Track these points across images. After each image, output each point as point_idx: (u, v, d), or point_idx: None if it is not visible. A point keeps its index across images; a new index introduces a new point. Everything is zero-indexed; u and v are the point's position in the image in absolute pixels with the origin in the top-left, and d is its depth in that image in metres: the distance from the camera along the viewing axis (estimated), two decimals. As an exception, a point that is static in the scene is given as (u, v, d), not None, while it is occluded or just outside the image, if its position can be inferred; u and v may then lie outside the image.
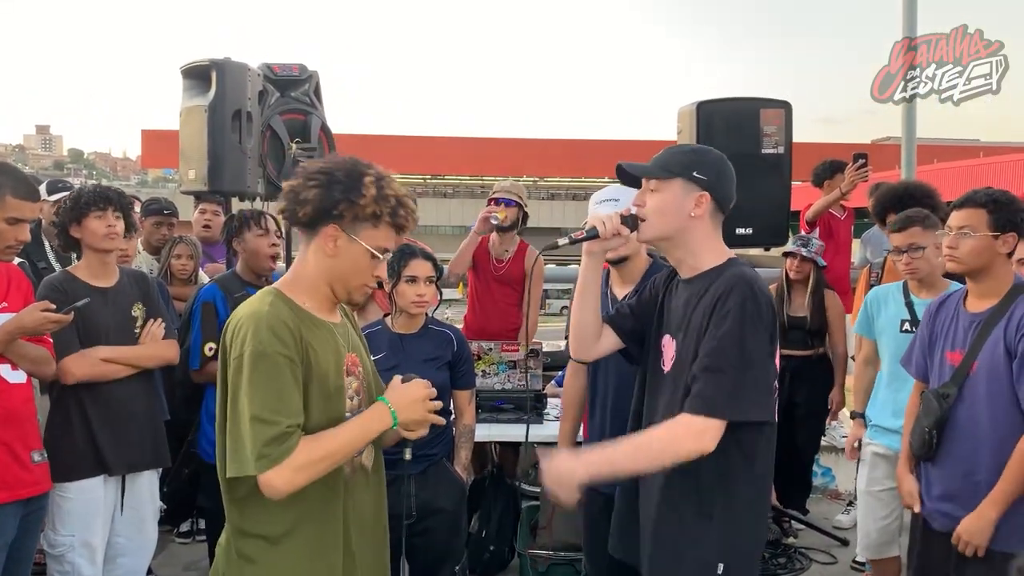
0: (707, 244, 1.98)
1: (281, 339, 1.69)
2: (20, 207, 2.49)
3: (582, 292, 2.14)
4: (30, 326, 2.56)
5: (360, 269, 1.79)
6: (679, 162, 1.97)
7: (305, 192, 1.75)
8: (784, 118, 3.81)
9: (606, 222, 2.00)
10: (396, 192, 1.78)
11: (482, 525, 3.98)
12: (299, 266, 1.82)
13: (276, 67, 4.35)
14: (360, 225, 1.76)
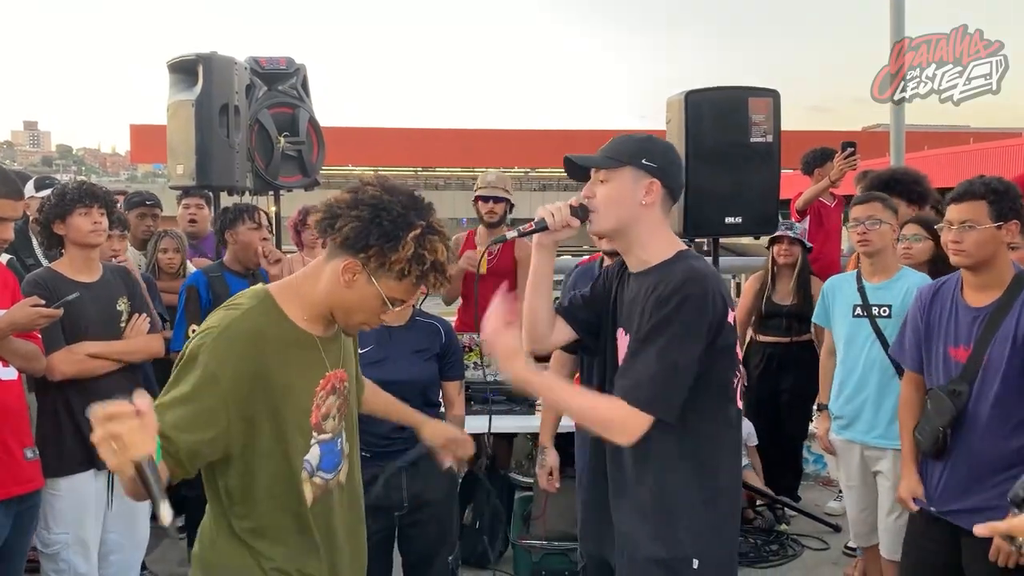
0: (657, 235, 1.95)
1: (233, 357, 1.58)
2: (3, 205, 2.48)
3: (534, 284, 2.10)
4: (22, 322, 2.56)
5: (367, 309, 1.69)
6: (627, 150, 1.94)
7: (344, 220, 1.63)
8: (772, 107, 3.81)
9: (555, 213, 1.96)
10: (436, 255, 1.65)
11: (475, 515, 3.99)
12: (311, 274, 1.71)
13: (263, 60, 4.33)
14: (384, 271, 1.64)
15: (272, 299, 1.69)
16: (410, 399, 2.83)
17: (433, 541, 2.91)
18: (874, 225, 3.22)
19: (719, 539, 1.93)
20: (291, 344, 1.67)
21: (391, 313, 1.70)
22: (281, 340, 1.65)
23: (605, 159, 1.95)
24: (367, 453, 2.86)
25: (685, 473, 1.89)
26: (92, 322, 2.88)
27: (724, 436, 1.95)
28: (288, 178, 4.40)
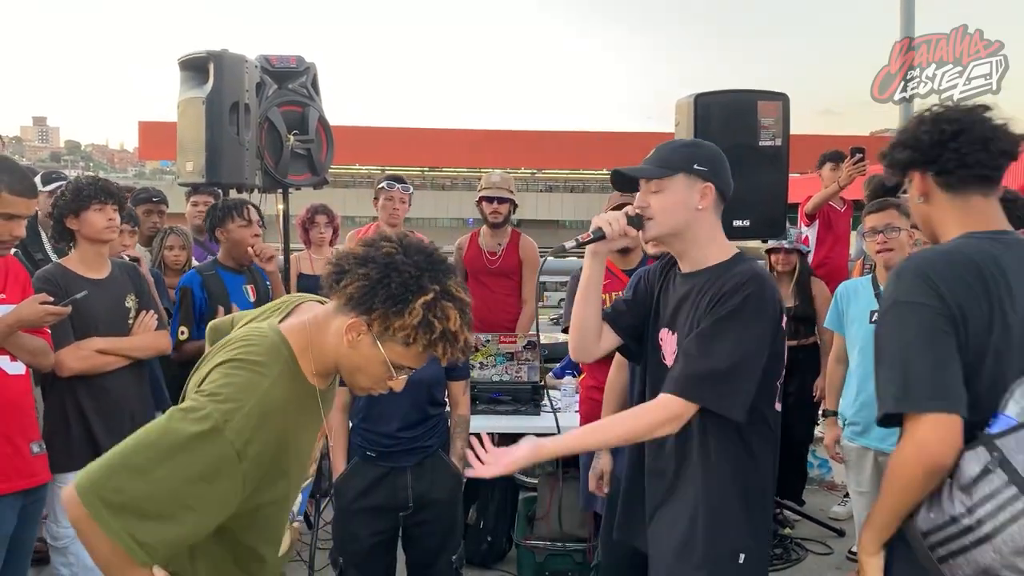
0: (714, 237, 1.99)
1: (258, 433, 1.42)
2: (16, 203, 2.49)
3: (585, 292, 2.12)
4: (30, 319, 2.57)
5: (371, 374, 1.56)
6: (677, 157, 1.97)
7: (350, 277, 1.50)
8: (782, 110, 3.80)
9: (612, 223, 2.00)
10: (447, 324, 1.50)
11: (480, 516, 4.00)
12: (321, 325, 1.57)
13: (274, 59, 4.34)
14: (388, 334, 1.50)
15: (292, 354, 1.55)
16: (414, 398, 2.86)
17: (437, 541, 2.92)
18: (893, 233, 3.21)
19: (761, 535, 1.97)
20: (304, 402, 1.57)
21: (398, 381, 1.59)
22: (299, 402, 1.55)
23: (657, 169, 1.98)
24: (372, 453, 2.88)
25: (731, 471, 1.92)
26: (101, 319, 2.89)
27: (768, 436, 1.98)
28: (297, 176, 4.40)
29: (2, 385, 2.58)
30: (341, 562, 2.90)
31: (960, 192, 1.72)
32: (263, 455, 1.44)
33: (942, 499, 1.55)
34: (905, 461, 1.58)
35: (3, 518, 2.56)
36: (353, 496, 2.87)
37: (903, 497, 1.61)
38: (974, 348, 1.59)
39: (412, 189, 4.64)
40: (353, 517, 2.87)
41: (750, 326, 1.85)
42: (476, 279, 4.49)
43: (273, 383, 1.48)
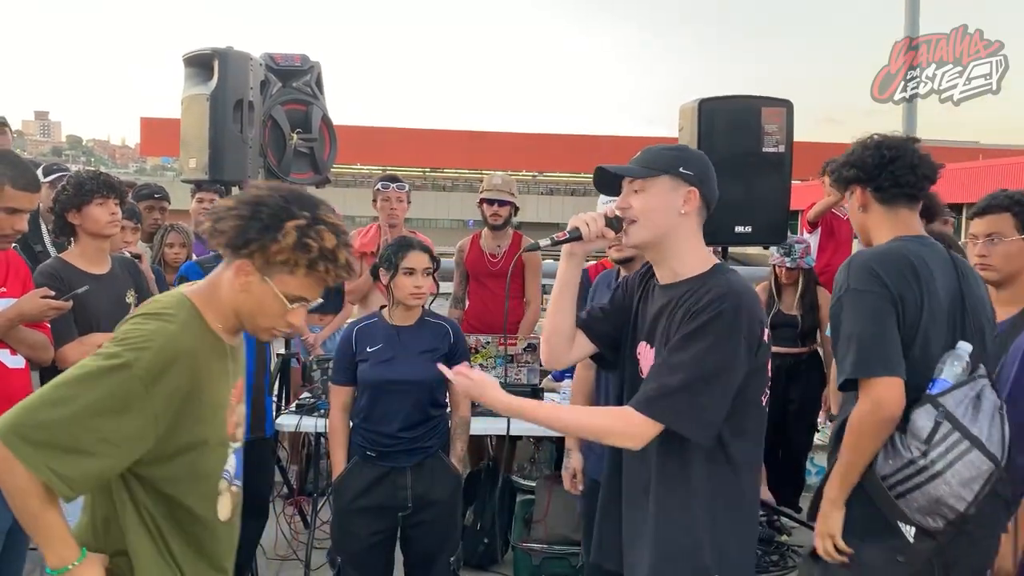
0: (693, 247, 1.91)
1: (167, 373, 1.52)
2: (19, 198, 2.49)
3: (559, 295, 2.04)
4: (31, 313, 2.57)
5: (268, 313, 1.65)
6: (664, 159, 1.91)
7: (224, 221, 1.62)
8: (785, 117, 3.81)
9: (590, 224, 1.92)
10: (323, 244, 1.61)
11: (476, 518, 3.99)
12: (216, 281, 1.69)
13: (278, 57, 4.34)
14: (274, 268, 1.61)
15: (196, 308, 1.65)
16: (416, 398, 2.86)
17: (436, 542, 2.92)
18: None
19: (739, 549, 1.92)
20: (215, 355, 1.65)
21: (295, 313, 1.66)
22: (207, 352, 1.63)
23: (642, 168, 1.91)
24: (372, 453, 2.88)
25: (710, 486, 1.87)
26: (102, 314, 2.89)
27: (751, 451, 1.93)
28: (299, 175, 4.41)
29: (2, 379, 2.57)
30: (339, 561, 2.91)
31: (892, 205, 2.18)
32: (173, 396, 1.54)
33: (898, 448, 1.98)
34: (864, 417, 1.99)
35: (2, 512, 2.56)
36: (352, 496, 2.87)
37: (864, 448, 2.02)
38: (909, 326, 2.02)
39: (408, 187, 4.64)
40: (352, 516, 2.87)
41: (719, 344, 1.77)
42: (477, 281, 4.50)
43: (180, 328, 1.58)
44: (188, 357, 1.57)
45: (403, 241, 2.95)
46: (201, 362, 1.60)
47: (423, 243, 2.98)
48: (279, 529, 3.87)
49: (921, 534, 1.99)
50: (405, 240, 2.96)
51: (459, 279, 4.61)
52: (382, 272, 2.91)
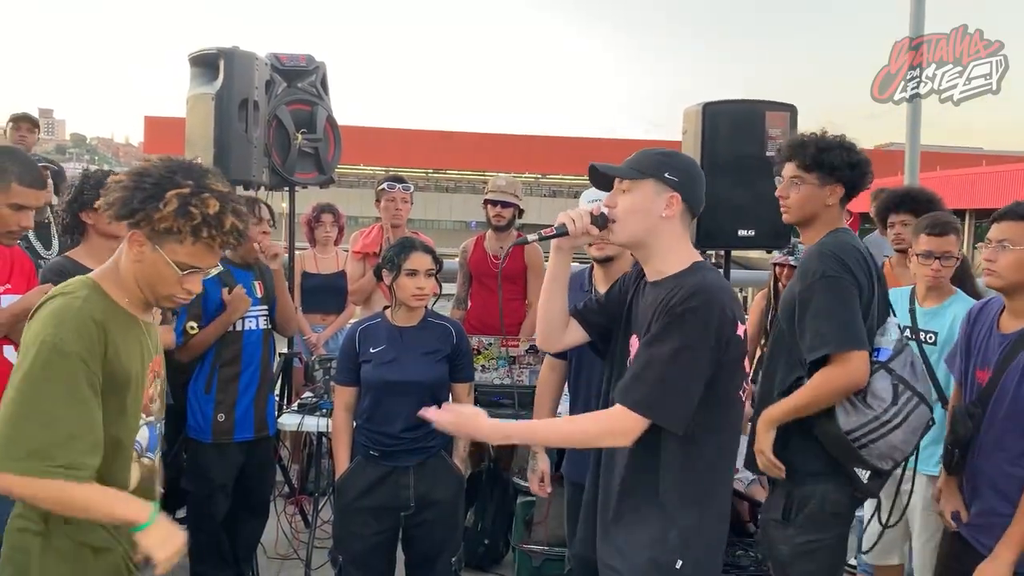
0: (675, 247, 1.99)
1: (85, 337, 1.65)
2: (25, 194, 2.50)
3: (550, 284, 2.17)
4: None
5: (164, 280, 1.75)
6: (651, 163, 1.99)
7: (112, 193, 1.72)
8: (789, 121, 3.82)
9: (576, 220, 2.02)
10: (207, 210, 1.70)
11: (477, 519, 4.00)
12: (117, 258, 1.79)
13: (283, 57, 4.35)
14: (162, 237, 1.71)
15: (99, 287, 1.75)
16: (418, 399, 2.86)
17: (438, 542, 2.93)
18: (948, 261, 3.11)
19: (706, 542, 1.96)
20: (125, 328, 1.74)
21: (190, 280, 1.75)
22: (117, 324, 1.72)
23: (629, 170, 2.00)
24: (375, 452, 2.88)
25: (677, 478, 1.93)
26: None
27: (723, 446, 1.99)
28: (304, 175, 4.42)
29: (6, 374, 2.58)
30: (341, 560, 2.91)
31: (846, 203, 2.54)
32: (94, 361, 1.65)
33: (859, 407, 2.32)
34: (836, 380, 2.30)
35: (3, 505, 2.57)
36: (355, 495, 2.88)
37: (821, 403, 2.34)
38: (864, 306, 2.35)
39: (412, 188, 4.65)
40: (354, 516, 2.88)
41: (689, 338, 1.84)
42: (480, 282, 4.50)
43: (84, 300, 1.69)
44: (98, 327, 1.66)
45: (406, 242, 2.95)
46: (111, 334, 1.69)
47: (426, 244, 2.98)
48: (280, 528, 3.88)
49: (874, 475, 2.40)
50: (408, 241, 2.97)
51: (462, 280, 4.62)
52: (385, 273, 2.92)
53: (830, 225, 2.49)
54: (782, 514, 2.45)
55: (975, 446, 2.48)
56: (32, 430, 1.59)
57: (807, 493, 2.42)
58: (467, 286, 4.59)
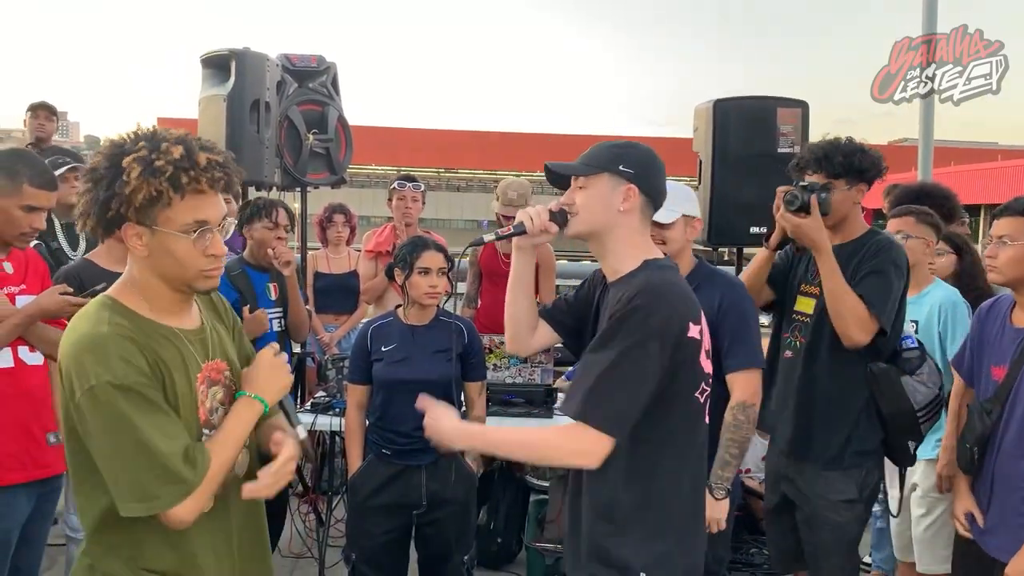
0: (630, 244, 1.93)
1: (137, 366, 1.52)
2: (37, 196, 2.53)
3: (514, 286, 2.12)
4: (51, 309, 2.60)
5: (183, 257, 1.57)
6: (604, 156, 1.94)
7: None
8: (800, 117, 3.81)
9: (534, 218, 1.97)
10: (173, 156, 1.52)
11: (490, 517, 4.00)
12: (130, 268, 1.65)
13: (294, 58, 4.37)
14: (150, 212, 1.53)
15: (119, 304, 1.60)
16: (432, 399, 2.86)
17: (450, 540, 2.93)
18: (904, 239, 3.19)
19: (667, 549, 1.87)
20: (157, 340, 1.59)
21: (209, 244, 1.58)
22: (147, 338, 1.57)
23: (582, 166, 1.96)
24: (387, 451, 2.89)
25: (637, 485, 1.85)
26: None
27: (681, 450, 1.90)
28: (316, 175, 4.44)
29: (21, 375, 2.61)
30: (354, 558, 2.92)
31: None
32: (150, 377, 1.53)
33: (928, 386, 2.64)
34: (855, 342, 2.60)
35: (19, 506, 2.59)
36: (367, 493, 2.89)
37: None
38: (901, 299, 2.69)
39: (424, 187, 4.66)
40: (367, 514, 2.89)
41: (628, 341, 1.76)
42: (491, 280, 4.50)
43: (110, 324, 1.54)
44: (134, 344, 1.53)
45: (418, 241, 2.96)
46: (143, 345, 1.55)
47: (437, 243, 2.99)
48: (294, 527, 3.90)
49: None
50: (420, 240, 2.98)
51: (472, 279, 4.62)
52: (397, 272, 2.93)
53: (859, 222, 2.74)
54: (858, 494, 2.65)
55: (992, 445, 2.46)
56: (136, 475, 1.50)
57: (870, 469, 2.68)
58: (477, 285, 4.60)
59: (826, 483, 2.66)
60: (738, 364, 2.55)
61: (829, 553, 2.69)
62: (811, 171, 2.71)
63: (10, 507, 2.55)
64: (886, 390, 2.62)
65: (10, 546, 2.57)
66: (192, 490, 1.53)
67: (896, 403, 2.61)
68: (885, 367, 2.63)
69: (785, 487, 2.79)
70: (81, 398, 1.49)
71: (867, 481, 2.67)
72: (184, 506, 1.53)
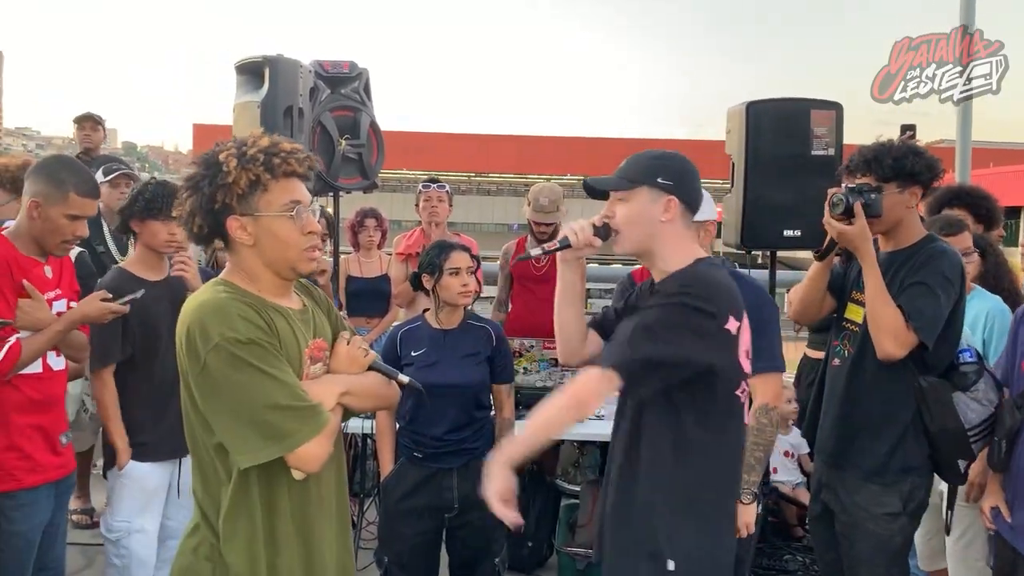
0: (677, 247, 1.98)
1: (256, 324, 1.66)
2: (82, 204, 2.59)
3: (561, 299, 2.16)
4: (92, 315, 2.66)
5: (284, 240, 1.73)
6: (642, 170, 1.99)
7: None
8: (835, 119, 3.75)
9: (578, 233, 2.02)
10: (261, 146, 1.71)
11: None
12: (235, 260, 1.79)
13: (327, 64, 4.40)
14: (251, 200, 1.71)
15: (232, 283, 1.75)
16: (461, 402, 2.88)
17: (481, 543, 2.93)
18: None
19: (699, 544, 1.91)
20: (270, 312, 1.72)
21: (305, 223, 1.73)
22: (264, 310, 1.71)
23: (620, 180, 2.00)
24: (419, 454, 2.91)
25: (678, 482, 1.90)
26: (166, 317, 2.89)
27: (719, 443, 1.94)
28: (348, 180, 4.46)
29: (48, 380, 2.66)
30: (386, 561, 2.93)
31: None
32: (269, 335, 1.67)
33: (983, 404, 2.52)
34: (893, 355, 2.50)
35: (40, 507, 2.64)
36: (399, 496, 2.90)
37: None
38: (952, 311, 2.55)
39: (448, 187, 4.67)
40: (399, 517, 2.91)
41: (659, 313, 1.84)
42: (522, 284, 4.50)
43: (228, 293, 1.70)
44: (252, 309, 1.67)
45: (443, 243, 2.99)
46: (262, 314, 1.68)
47: (461, 243, 3.02)
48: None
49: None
50: (443, 242, 3.02)
51: (503, 283, 4.63)
52: (425, 277, 2.94)
53: (915, 227, 2.62)
54: (903, 506, 2.56)
55: (1021, 439, 2.45)
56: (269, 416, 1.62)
57: (916, 484, 2.58)
58: (508, 288, 4.60)
59: (868, 495, 2.59)
60: (760, 367, 2.54)
61: (868, 564, 2.62)
62: (860, 174, 2.60)
63: (34, 508, 2.61)
64: (933, 407, 2.51)
65: (34, 546, 2.63)
66: (324, 426, 1.66)
67: (943, 421, 2.49)
68: (935, 382, 2.52)
69: (826, 496, 2.74)
70: (207, 356, 1.62)
71: (913, 494, 2.58)
72: (318, 442, 1.65)
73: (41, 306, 2.58)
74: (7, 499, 2.54)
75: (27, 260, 2.60)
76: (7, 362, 2.45)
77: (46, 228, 2.56)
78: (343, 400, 1.79)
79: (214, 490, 1.72)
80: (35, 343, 2.53)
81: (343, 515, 1.92)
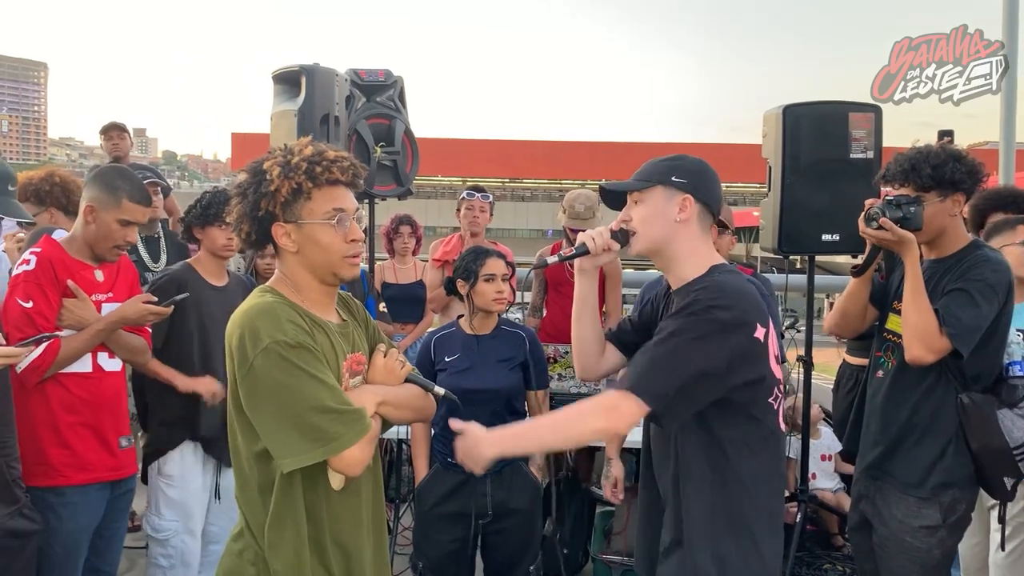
0: (694, 252, 1.95)
1: (304, 329, 1.69)
2: (134, 211, 2.69)
3: (578, 310, 2.13)
4: (132, 317, 2.71)
5: (328, 246, 1.74)
6: (656, 170, 1.97)
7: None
8: (874, 122, 3.70)
9: (596, 238, 2.00)
10: (305, 155, 1.73)
11: (556, 528, 3.98)
12: (282, 268, 1.81)
13: (363, 72, 4.45)
14: (294, 207, 1.73)
15: (278, 292, 1.77)
16: (495, 408, 2.88)
17: (515, 549, 2.93)
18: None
19: (744, 563, 1.86)
20: (312, 326, 1.74)
21: (349, 229, 1.75)
22: (304, 323, 1.72)
23: (635, 181, 1.99)
24: (453, 460, 2.91)
25: (711, 495, 1.86)
26: (217, 321, 2.95)
27: (756, 458, 1.89)
28: (383, 187, 4.50)
29: (99, 381, 2.72)
30: (421, 566, 2.94)
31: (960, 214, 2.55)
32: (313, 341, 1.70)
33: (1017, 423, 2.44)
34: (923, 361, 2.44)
35: (87, 507, 2.67)
36: (433, 502, 2.91)
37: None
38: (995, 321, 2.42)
39: (492, 198, 4.67)
40: (433, 523, 2.91)
41: (683, 327, 1.80)
42: (557, 290, 4.50)
43: (276, 301, 1.72)
44: (299, 316, 1.70)
45: (478, 250, 3.00)
46: (302, 329, 1.69)
47: (497, 250, 3.03)
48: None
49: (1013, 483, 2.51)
50: (479, 248, 3.02)
51: (538, 288, 4.63)
52: (460, 283, 2.95)
53: (959, 235, 2.53)
54: (942, 520, 2.49)
55: None
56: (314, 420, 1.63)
57: (957, 498, 2.49)
58: (543, 294, 4.60)
59: (906, 507, 2.53)
60: None
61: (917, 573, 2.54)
62: (898, 184, 2.50)
63: (83, 507, 2.64)
64: (975, 423, 2.42)
65: (82, 547, 2.67)
66: (367, 431, 1.68)
67: (986, 439, 2.41)
68: (978, 398, 2.43)
69: (864, 506, 2.68)
70: (256, 358, 1.63)
71: (954, 507, 2.50)
72: (361, 446, 1.66)
73: (86, 306, 2.64)
74: (55, 495, 2.59)
75: (75, 263, 2.68)
76: (45, 360, 2.52)
77: (99, 232, 2.66)
78: (381, 410, 1.80)
79: (253, 497, 1.74)
80: (74, 342, 2.60)
81: (379, 522, 1.93)
